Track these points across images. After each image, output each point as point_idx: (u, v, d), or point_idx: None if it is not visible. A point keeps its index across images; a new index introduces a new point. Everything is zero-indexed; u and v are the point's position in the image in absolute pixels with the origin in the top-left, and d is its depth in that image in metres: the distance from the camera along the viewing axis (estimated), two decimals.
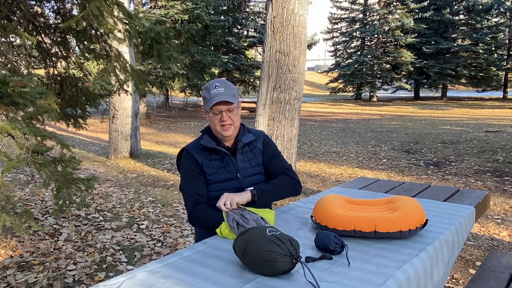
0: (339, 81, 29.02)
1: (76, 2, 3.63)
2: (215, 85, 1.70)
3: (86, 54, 3.77)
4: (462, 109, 19.26)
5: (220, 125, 1.72)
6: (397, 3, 26.94)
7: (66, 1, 3.69)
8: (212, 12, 15.58)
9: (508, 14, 26.32)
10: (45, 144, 2.51)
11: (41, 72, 3.81)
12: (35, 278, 2.88)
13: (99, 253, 3.31)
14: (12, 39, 3.38)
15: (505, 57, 27.45)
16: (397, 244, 1.45)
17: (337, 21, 29.97)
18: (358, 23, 28.54)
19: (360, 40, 28.99)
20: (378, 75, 27.68)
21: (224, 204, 1.58)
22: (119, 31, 3.28)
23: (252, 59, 20.76)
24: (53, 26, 3.61)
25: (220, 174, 1.75)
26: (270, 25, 4.48)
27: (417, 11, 26.27)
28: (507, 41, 27.13)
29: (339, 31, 30.30)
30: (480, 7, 25.70)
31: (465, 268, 3.04)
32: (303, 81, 4.72)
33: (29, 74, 2.68)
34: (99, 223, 4.07)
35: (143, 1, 15.58)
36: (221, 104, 1.69)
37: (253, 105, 13.78)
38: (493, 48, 26.72)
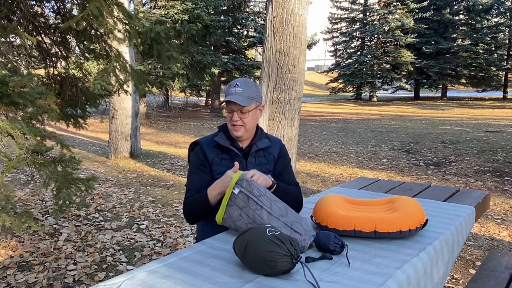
0: (339, 81, 29.02)
1: (76, 2, 3.63)
2: (236, 84, 1.70)
3: (86, 54, 3.77)
4: (462, 109, 19.26)
5: (231, 124, 1.73)
6: (397, 3, 26.93)
7: (66, 1, 3.69)
8: (212, 12, 15.57)
9: (508, 14, 26.31)
10: (45, 144, 2.51)
11: (41, 72, 3.81)
12: (35, 278, 2.88)
13: (99, 253, 3.31)
14: (12, 39, 3.38)
15: (505, 57, 27.44)
16: (397, 244, 1.45)
17: (337, 21, 29.96)
18: (358, 23, 28.54)
19: (360, 40, 28.99)
20: (378, 75, 27.68)
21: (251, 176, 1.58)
22: (119, 31, 3.28)
23: (252, 59, 20.74)
24: (53, 26, 3.61)
25: None
26: (270, 25, 4.48)
27: (417, 11, 26.26)
28: (507, 41, 27.12)
29: (339, 31, 30.30)
30: (480, 7, 25.70)
31: (465, 268, 3.04)
32: (303, 81, 4.72)
33: (29, 74, 2.68)
34: (99, 223, 4.06)
35: (143, 1, 15.57)
36: (232, 104, 1.68)
37: None
38: (493, 48, 26.71)
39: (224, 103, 1.70)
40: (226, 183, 1.59)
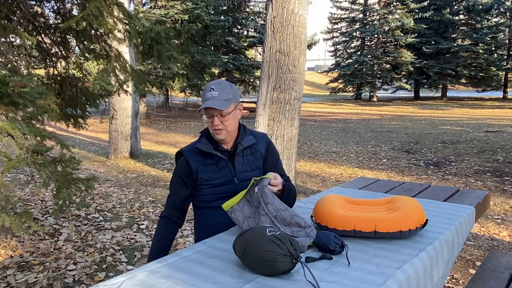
0: (339, 81, 29.02)
1: (76, 2, 3.64)
2: (211, 88, 1.67)
3: (86, 54, 3.77)
4: (462, 109, 19.26)
5: (212, 129, 1.71)
6: (397, 3, 26.92)
7: (66, 1, 3.69)
8: (212, 12, 15.57)
9: (508, 14, 26.30)
10: (45, 144, 2.51)
11: (41, 72, 3.81)
12: (35, 278, 2.88)
13: (99, 253, 3.31)
14: (12, 39, 3.38)
15: (505, 57, 27.43)
16: (397, 244, 1.45)
17: (337, 21, 29.95)
18: (358, 23, 28.53)
19: (360, 40, 28.98)
20: (378, 75, 27.67)
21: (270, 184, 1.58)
22: (119, 31, 3.28)
23: (252, 59, 20.75)
24: (53, 26, 3.61)
25: (216, 179, 1.73)
26: (270, 25, 4.48)
27: (417, 11, 26.26)
28: (507, 41, 27.11)
29: (339, 31, 30.29)
30: (480, 7, 25.69)
31: (465, 268, 3.04)
32: (303, 81, 4.71)
33: (29, 74, 2.68)
34: (99, 223, 4.06)
35: (143, 1, 15.57)
36: (210, 109, 1.67)
37: (253, 105, 13.77)
38: (493, 48, 26.70)
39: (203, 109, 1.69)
40: None
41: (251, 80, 19.66)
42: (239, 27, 19.09)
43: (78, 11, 3.46)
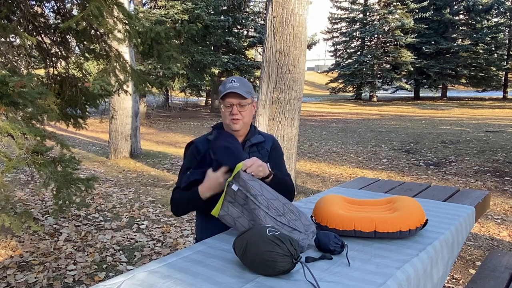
0: (339, 81, 29.02)
1: (76, 2, 3.64)
2: (232, 80, 1.74)
3: (86, 54, 3.77)
4: (462, 109, 19.26)
5: (230, 118, 1.74)
6: (397, 3, 26.92)
7: (66, 1, 3.69)
8: (212, 12, 15.56)
9: (508, 14, 26.30)
10: (45, 144, 2.51)
11: (41, 72, 3.81)
12: (35, 278, 2.88)
13: (99, 253, 3.31)
14: (12, 39, 3.38)
15: (505, 57, 27.43)
16: (397, 244, 1.45)
17: (337, 21, 29.96)
18: (358, 23, 28.54)
19: (360, 40, 28.98)
20: (378, 75, 27.67)
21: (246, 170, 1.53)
22: (119, 31, 3.28)
23: (252, 59, 20.74)
24: (53, 26, 3.61)
25: None
26: (270, 25, 4.48)
27: (417, 11, 26.26)
28: (507, 41, 27.11)
29: (339, 31, 30.30)
30: (480, 7, 25.69)
31: (465, 268, 3.04)
32: (303, 81, 4.71)
33: (29, 74, 2.68)
34: (99, 223, 4.06)
35: (143, 1, 15.57)
36: (233, 96, 1.71)
37: None
38: (493, 48, 26.71)
39: (221, 99, 1.72)
40: (214, 185, 1.60)
41: (251, 80, 19.63)
42: (239, 27, 19.06)
43: (78, 11, 3.46)
